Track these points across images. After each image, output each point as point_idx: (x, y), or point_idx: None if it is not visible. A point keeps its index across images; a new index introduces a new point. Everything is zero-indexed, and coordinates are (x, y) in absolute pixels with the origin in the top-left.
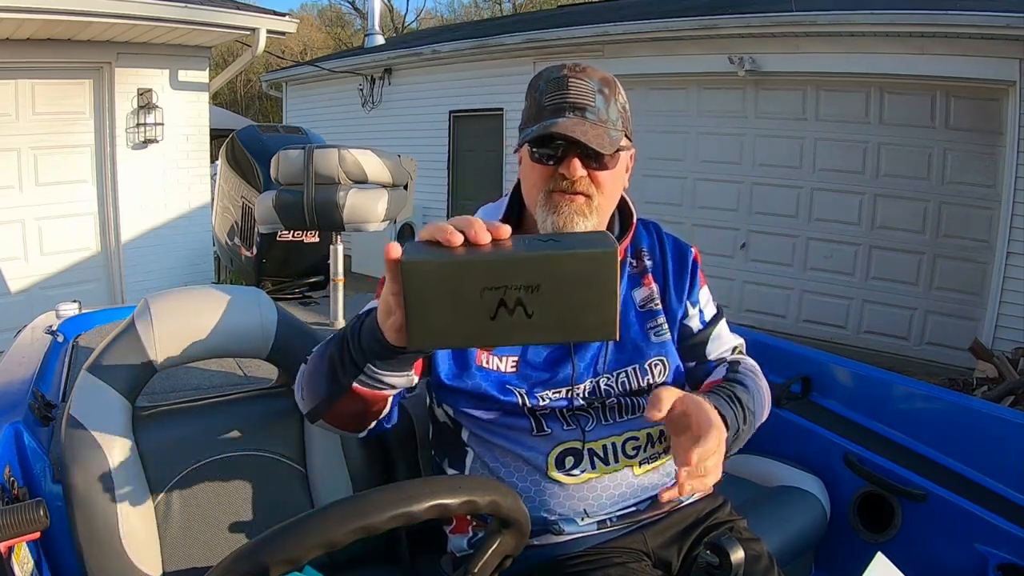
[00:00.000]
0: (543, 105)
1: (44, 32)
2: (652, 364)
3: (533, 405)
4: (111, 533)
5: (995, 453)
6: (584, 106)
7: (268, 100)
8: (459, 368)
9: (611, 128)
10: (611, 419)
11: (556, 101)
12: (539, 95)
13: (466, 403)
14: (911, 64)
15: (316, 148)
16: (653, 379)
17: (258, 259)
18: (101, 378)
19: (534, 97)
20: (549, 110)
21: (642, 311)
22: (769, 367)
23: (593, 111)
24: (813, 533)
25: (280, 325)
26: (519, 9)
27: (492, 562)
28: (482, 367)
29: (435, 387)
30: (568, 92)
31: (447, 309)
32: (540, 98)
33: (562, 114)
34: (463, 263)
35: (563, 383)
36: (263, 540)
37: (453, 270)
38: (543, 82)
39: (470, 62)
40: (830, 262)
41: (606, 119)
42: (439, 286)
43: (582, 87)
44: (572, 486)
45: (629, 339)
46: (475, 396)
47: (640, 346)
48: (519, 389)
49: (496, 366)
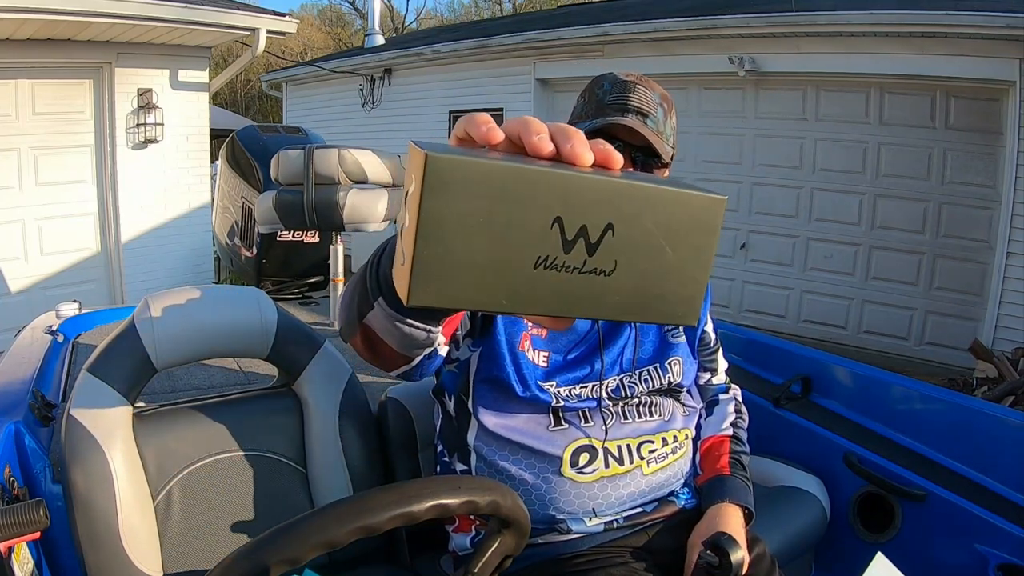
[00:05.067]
0: (606, 103)
1: (44, 32)
2: (671, 363)
3: (563, 403)
4: (111, 533)
5: (995, 453)
6: (647, 112)
7: (268, 100)
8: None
9: (665, 141)
10: (631, 419)
11: (621, 101)
12: (602, 94)
13: (494, 397)
14: (911, 64)
15: (316, 148)
16: (673, 377)
17: (258, 259)
18: (101, 378)
19: (595, 95)
20: (612, 108)
21: None
22: (769, 367)
23: (654, 120)
24: (813, 533)
25: (280, 325)
26: (519, 9)
27: (492, 562)
28: (526, 358)
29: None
30: (633, 96)
31: (481, 246)
32: (603, 96)
33: (625, 114)
34: (526, 172)
35: (591, 379)
36: (263, 540)
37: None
38: (608, 82)
39: (470, 62)
40: (830, 262)
41: (663, 131)
42: (478, 206)
43: (646, 95)
44: (584, 484)
45: (649, 339)
46: (509, 392)
47: (660, 346)
48: (549, 384)
49: (532, 359)
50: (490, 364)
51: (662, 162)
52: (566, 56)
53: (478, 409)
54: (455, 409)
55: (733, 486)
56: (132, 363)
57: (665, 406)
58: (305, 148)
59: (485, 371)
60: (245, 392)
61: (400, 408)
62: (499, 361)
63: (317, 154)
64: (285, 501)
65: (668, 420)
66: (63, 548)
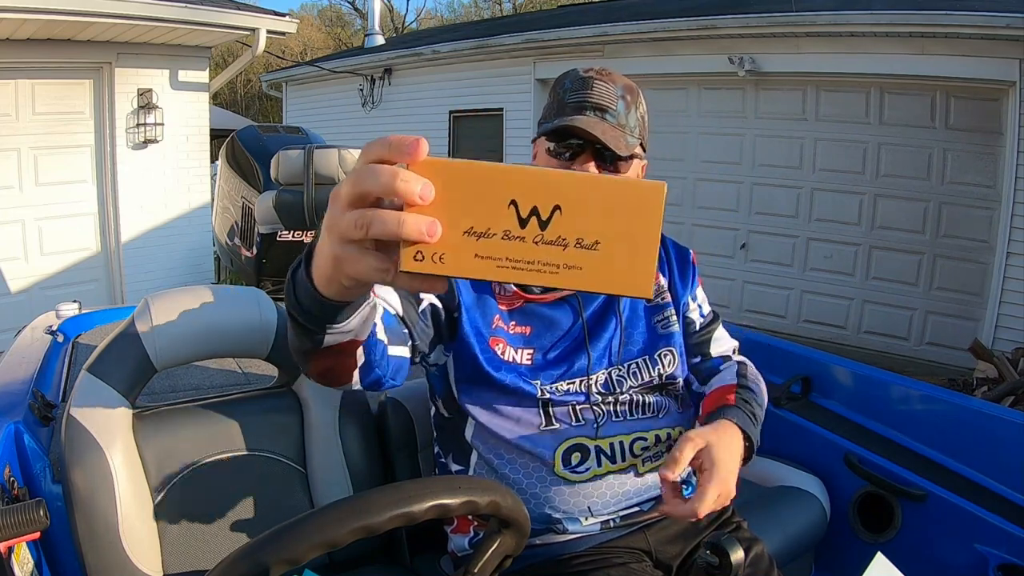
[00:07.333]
0: (565, 102)
1: (44, 32)
2: (662, 355)
3: (549, 398)
4: (111, 533)
5: (995, 453)
6: (605, 107)
7: (268, 100)
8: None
9: (628, 134)
10: (623, 416)
11: (578, 99)
12: (563, 92)
13: (479, 396)
14: (911, 64)
15: (316, 148)
16: (664, 369)
17: (258, 259)
18: (101, 378)
19: (558, 93)
20: (571, 107)
21: (650, 305)
22: (769, 367)
23: (613, 114)
24: (813, 533)
25: (280, 325)
26: (519, 9)
27: (492, 562)
28: (502, 359)
29: (443, 377)
30: (591, 92)
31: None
32: (563, 95)
33: (582, 112)
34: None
35: (578, 374)
36: (263, 540)
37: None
38: (569, 80)
39: (470, 62)
40: (830, 262)
41: (624, 124)
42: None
43: (605, 89)
44: (578, 484)
45: (638, 331)
46: (492, 389)
47: (649, 338)
48: (535, 381)
49: (512, 358)
50: (465, 364)
51: (622, 156)
52: (566, 56)
53: (467, 407)
54: (447, 410)
55: (736, 415)
56: (132, 363)
57: (657, 403)
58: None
59: (463, 370)
60: (245, 392)
61: (400, 408)
62: (474, 360)
63: (317, 154)
64: (285, 501)
65: (661, 417)
66: (63, 548)
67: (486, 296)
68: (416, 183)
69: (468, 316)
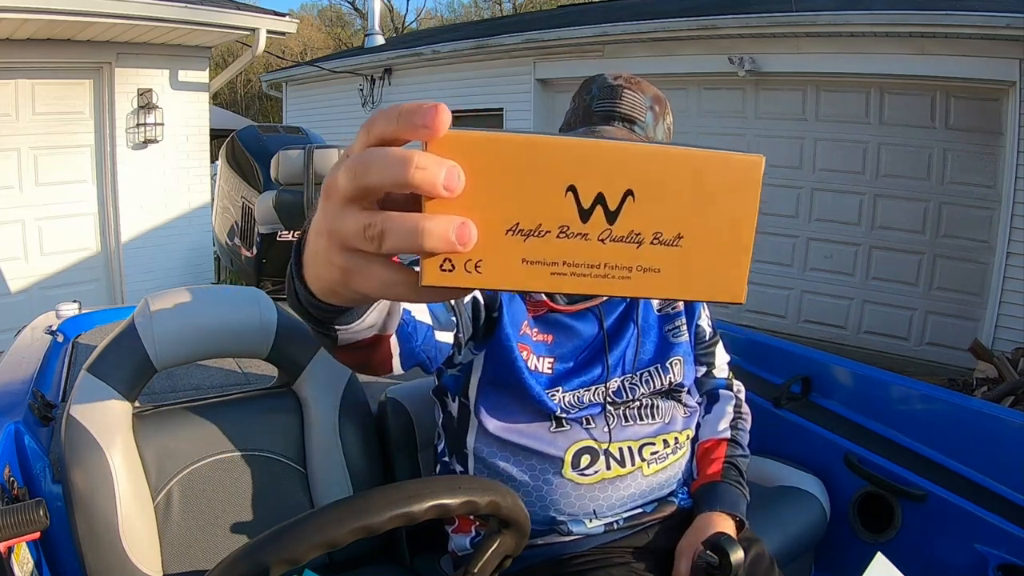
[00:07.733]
0: (593, 110)
1: (44, 32)
2: (672, 363)
3: (566, 407)
4: (111, 533)
5: (995, 453)
6: (634, 119)
7: (268, 100)
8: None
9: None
10: (633, 421)
11: (607, 108)
12: (590, 99)
13: (498, 399)
14: (911, 64)
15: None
16: (674, 376)
17: (258, 259)
18: (101, 378)
19: (584, 100)
20: (599, 116)
21: (660, 315)
22: (769, 367)
23: (642, 126)
24: (813, 533)
25: (280, 325)
26: (519, 9)
27: (492, 562)
28: (527, 366)
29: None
30: (620, 102)
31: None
32: (591, 102)
33: (610, 123)
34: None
35: (595, 382)
36: (263, 540)
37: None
38: (596, 86)
39: (470, 62)
40: (830, 262)
41: (653, 136)
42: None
43: (635, 100)
44: (584, 486)
45: (651, 340)
46: (514, 394)
47: (660, 346)
48: (554, 390)
49: (535, 366)
50: (497, 366)
51: None
52: (566, 56)
53: (480, 411)
54: (457, 410)
55: (725, 493)
56: (132, 363)
57: (666, 408)
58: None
59: (492, 373)
60: (245, 392)
61: (400, 408)
62: (508, 364)
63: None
64: (285, 501)
65: (669, 422)
66: (63, 548)
67: (517, 299)
68: (438, 169)
69: (508, 317)
